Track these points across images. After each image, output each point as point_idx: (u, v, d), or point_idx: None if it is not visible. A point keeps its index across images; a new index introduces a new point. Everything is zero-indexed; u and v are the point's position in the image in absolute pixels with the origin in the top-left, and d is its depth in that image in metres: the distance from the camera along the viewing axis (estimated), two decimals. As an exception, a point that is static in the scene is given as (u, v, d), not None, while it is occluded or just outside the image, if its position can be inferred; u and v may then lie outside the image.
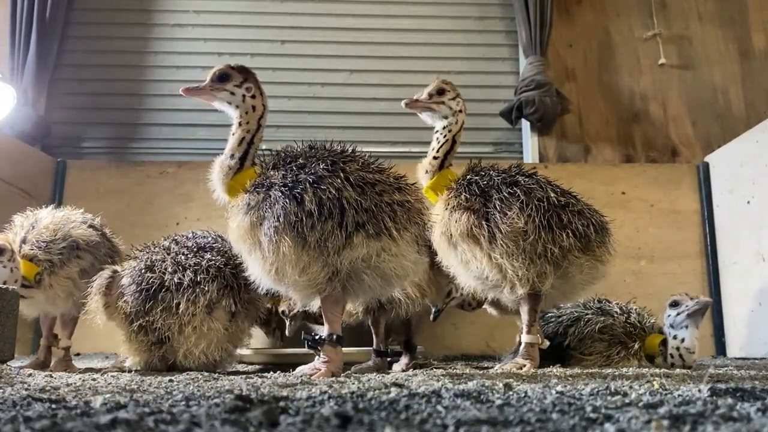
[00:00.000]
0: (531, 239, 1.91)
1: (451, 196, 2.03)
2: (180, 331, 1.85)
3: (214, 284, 1.88)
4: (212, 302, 1.87)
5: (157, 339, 1.86)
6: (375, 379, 1.54)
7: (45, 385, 1.36)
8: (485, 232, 1.93)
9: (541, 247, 1.92)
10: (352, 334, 2.55)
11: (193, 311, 1.84)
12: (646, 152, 3.94)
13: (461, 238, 1.95)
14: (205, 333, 1.86)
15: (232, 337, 1.94)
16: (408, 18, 4.23)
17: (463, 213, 1.96)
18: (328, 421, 0.76)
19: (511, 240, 1.91)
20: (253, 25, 4.20)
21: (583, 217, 2.01)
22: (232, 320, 1.92)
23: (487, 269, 1.94)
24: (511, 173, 2.06)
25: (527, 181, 2.02)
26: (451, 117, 2.17)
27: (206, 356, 1.87)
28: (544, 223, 1.92)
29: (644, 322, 2.24)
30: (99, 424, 0.74)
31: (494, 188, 1.99)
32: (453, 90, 2.19)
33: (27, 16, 3.82)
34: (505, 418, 0.80)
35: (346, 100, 4.10)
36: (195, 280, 1.87)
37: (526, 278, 1.94)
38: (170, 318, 1.84)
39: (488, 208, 1.95)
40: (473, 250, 1.94)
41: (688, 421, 0.77)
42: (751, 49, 4.10)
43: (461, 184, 2.05)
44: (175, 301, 1.85)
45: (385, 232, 1.61)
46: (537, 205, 1.94)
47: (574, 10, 4.16)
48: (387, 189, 1.67)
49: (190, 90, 1.88)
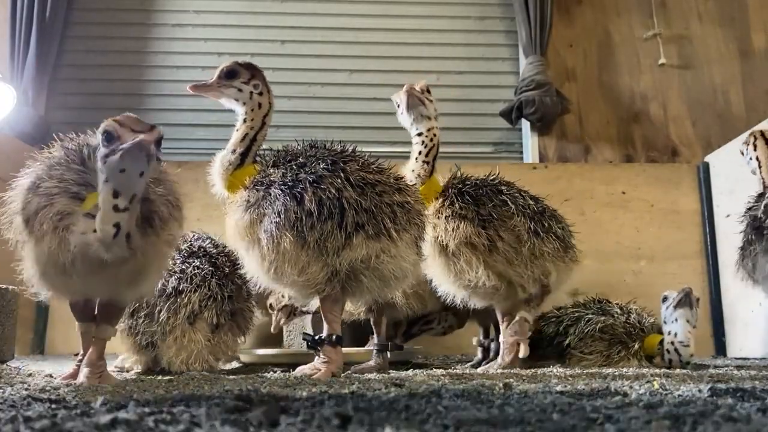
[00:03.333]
0: (529, 245, 1.96)
1: (445, 205, 2.02)
2: (162, 339, 1.81)
3: (196, 294, 1.83)
4: (194, 313, 1.83)
5: (145, 342, 1.84)
6: (375, 379, 1.54)
7: (45, 385, 1.36)
8: (485, 240, 1.95)
9: (533, 253, 1.98)
10: (352, 334, 2.55)
11: (173, 322, 1.80)
12: (646, 152, 3.94)
13: (458, 247, 1.96)
14: (185, 345, 1.81)
15: (215, 350, 1.87)
16: (408, 18, 4.22)
17: (460, 221, 1.96)
18: (328, 421, 0.76)
19: (511, 246, 1.95)
20: (253, 25, 4.19)
21: (558, 221, 2.11)
22: (215, 332, 1.87)
23: (484, 277, 1.95)
24: (493, 182, 2.10)
25: (510, 190, 2.06)
26: (434, 120, 2.09)
27: (187, 368, 1.81)
28: (533, 229, 1.98)
29: (644, 322, 2.24)
30: (99, 424, 0.73)
31: (485, 196, 2.01)
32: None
33: (27, 17, 3.81)
34: (505, 418, 0.80)
35: (346, 100, 4.10)
36: (178, 288, 1.83)
37: (530, 281, 1.99)
38: (152, 325, 1.81)
39: (483, 216, 1.97)
40: (470, 259, 1.95)
41: (688, 422, 0.77)
42: (751, 48, 4.10)
43: (452, 192, 2.04)
44: (157, 309, 1.81)
45: (384, 233, 1.61)
46: (524, 212, 1.99)
47: (574, 10, 4.16)
48: (387, 190, 1.67)
49: (197, 87, 1.87)
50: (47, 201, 1.38)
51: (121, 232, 1.28)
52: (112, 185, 1.25)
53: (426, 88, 2.12)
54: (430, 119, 2.10)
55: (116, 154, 1.23)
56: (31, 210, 1.40)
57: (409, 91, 2.07)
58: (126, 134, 1.24)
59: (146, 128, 1.25)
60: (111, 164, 1.24)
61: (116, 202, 1.26)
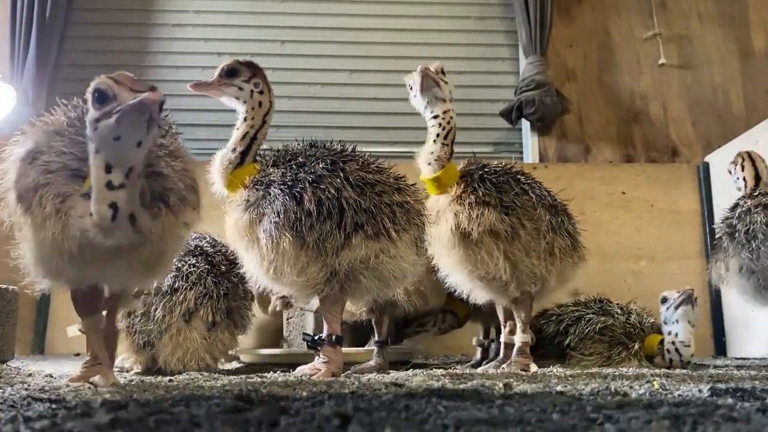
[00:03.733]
0: (547, 238, 1.93)
1: (467, 191, 1.92)
2: (158, 338, 1.81)
3: (191, 292, 1.83)
4: (189, 311, 1.83)
5: (143, 342, 1.84)
6: (375, 379, 1.54)
7: (45, 385, 1.36)
8: (507, 227, 1.88)
9: (550, 246, 1.94)
10: (352, 334, 2.55)
11: (169, 320, 1.80)
12: (646, 152, 3.94)
13: (481, 236, 1.87)
14: (181, 343, 1.81)
15: (211, 348, 1.86)
16: (408, 18, 4.22)
17: (484, 208, 1.88)
18: (328, 421, 0.76)
19: (532, 237, 1.91)
20: (253, 25, 4.19)
21: (569, 217, 2.06)
22: (211, 330, 1.86)
23: (502, 268, 1.90)
24: (510, 170, 2.04)
25: (527, 180, 2.03)
26: (449, 102, 2.01)
27: (183, 366, 1.80)
28: (551, 223, 1.95)
29: (644, 323, 2.24)
30: (99, 424, 0.73)
31: (506, 183, 1.94)
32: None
33: (27, 16, 3.81)
34: (505, 418, 0.80)
35: (346, 100, 4.09)
36: (173, 286, 1.83)
37: (539, 276, 1.94)
38: (149, 323, 1.82)
39: (505, 203, 1.90)
40: (491, 248, 1.88)
41: (688, 422, 0.77)
42: (751, 48, 4.10)
43: (473, 178, 1.96)
44: (153, 307, 1.82)
45: (384, 234, 1.61)
46: (543, 204, 1.96)
47: (574, 10, 4.15)
48: (386, 189, 1.66)
49: (198, 85, 1.86)
50: (45, 179, 1.19)
51: (120, 213, 1.10)
52: (104, 156, 1.07)
53: (441, 69, 2.01)
54: (445, 101, 1.99)
55: (111, 117, 1.04)
56: (27, 185, 1.20)
57: (424, 72, 1.95)
58: (124, 94, 1.06)
59: (147, 88, 1.07)
60: (103, 129, 1.05)
61: (109, 177, 1.07)
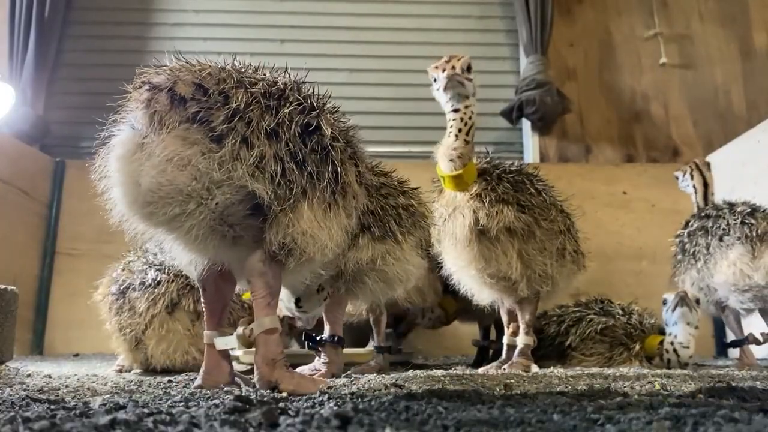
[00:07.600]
0: (560, 240, 1.93)
1: (487, 189, 1.91)
2: (143, 332, 1.83)
3: (173, 284, 1.84)
4: (173, 302, 1.84)
5: (131, 337, 1.85)
6: (375, 380, 1.54)
7: (44, 385, 1.36)
8: (524, 225, 1.89)
9: (562, 248, 1.96)
10: (353, 335, 2.55)
11: (153, 312, 1.82)
12: (647, 152, 3.94)
13: (498, 233, 1.87)
14: (164, 335, 1.82)
15: (196, 340, 1.85)
16: (408, 17, 4.22)
17: (503, 206, 1.88)
18: (328, 422, 0.76)
19: (547, 238, 1.92)
20: (253, 24, 4.19)
21: (574, 223, 2.07)
22: (195, 322, 1.86)
23: (514, 266, 1.89)
24: (523, 171, 2.03)
25: (540, 181, 2.03)
26: (472, 97, 1.94)
27: (169, 359, 1.81)
28: (564, 225, 1.96)
29: (645, 323, 2.24)
30: (98, 424, 0.73)
31: (522, 183, 1.95)
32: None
33: (26, 16, 3.81)
34: (506, 419, 0.80)
35: (345, 100, 4.08)
36: (156, 279, 1.85)
37: (550, 276, 1.94)
38: (135, 318, 1.83)
39: (522, 203, 1.91)
40: (507, 246, 1.89)
41: (689, 422, 0.77)
42: (752, 48, 4.10)
43: (492, 176, 1.94)
44: (138, 301, 1.84)
45: (390, 236, 1.62)
46: (556, 206, 1.98)
47: (575, 10, 4.15)
48: (392, 192, 1.68)
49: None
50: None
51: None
52: None
53: (467, 66, 1.94)
54: (468, 97, 1.94)
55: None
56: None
57: (450, 76, 1.88)
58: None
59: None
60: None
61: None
